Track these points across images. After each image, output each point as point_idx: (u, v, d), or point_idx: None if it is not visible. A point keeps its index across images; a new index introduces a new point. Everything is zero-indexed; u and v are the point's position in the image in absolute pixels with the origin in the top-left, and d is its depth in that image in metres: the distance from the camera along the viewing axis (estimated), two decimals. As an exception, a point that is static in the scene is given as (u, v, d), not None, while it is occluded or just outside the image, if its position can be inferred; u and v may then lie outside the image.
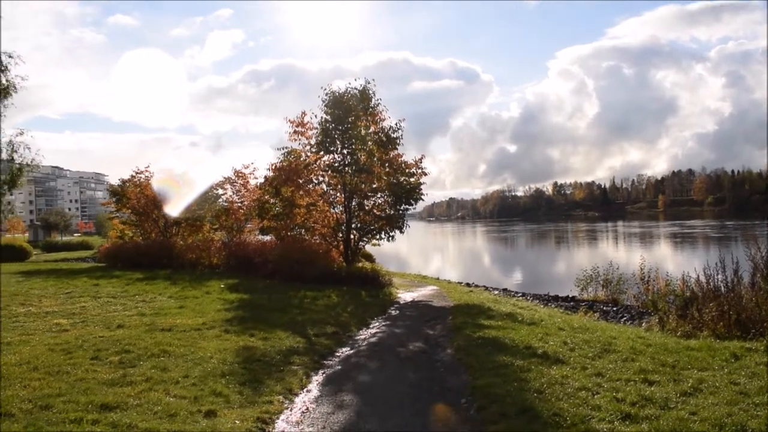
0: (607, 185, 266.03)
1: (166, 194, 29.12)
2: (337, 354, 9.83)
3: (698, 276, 13.81)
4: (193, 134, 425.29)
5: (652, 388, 6.82)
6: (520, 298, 22.54)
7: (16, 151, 23.80)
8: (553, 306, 20.34)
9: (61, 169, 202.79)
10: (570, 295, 23.10)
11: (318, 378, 8.23)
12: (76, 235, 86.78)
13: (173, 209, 28.67)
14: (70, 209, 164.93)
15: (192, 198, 28.94)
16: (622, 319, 17.82)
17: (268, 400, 6.89)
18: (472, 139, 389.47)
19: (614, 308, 19.96)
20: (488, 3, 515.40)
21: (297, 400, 7.20)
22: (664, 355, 8.58)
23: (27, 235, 74.91)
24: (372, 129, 22.41)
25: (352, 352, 10.03)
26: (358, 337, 11.39)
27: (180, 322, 11.75)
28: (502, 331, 10.87)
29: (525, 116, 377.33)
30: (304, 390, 7.59)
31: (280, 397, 7.11)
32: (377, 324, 13.07)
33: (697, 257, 44.25)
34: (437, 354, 9.72)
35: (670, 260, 42.92)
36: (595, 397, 6.53)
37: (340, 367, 8.84)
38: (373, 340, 11.12)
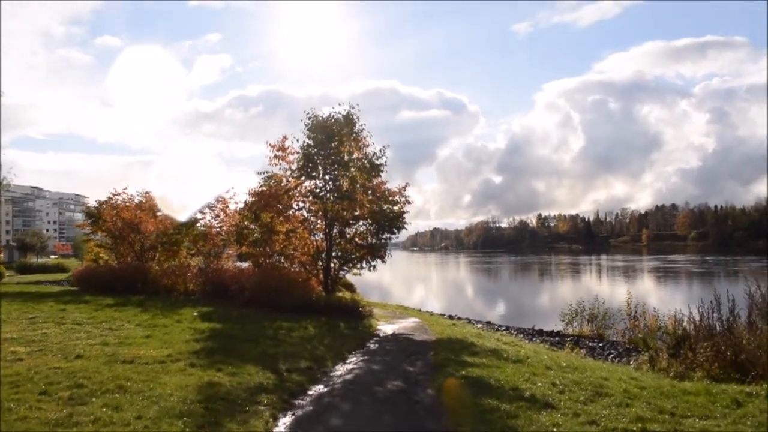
0: (591, 218, 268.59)
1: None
2: (310, 392, 9.08)
3: (691, 313, 13.32)
4: (178, 157, 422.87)
5: (653, 441, 6.21)
6: (504, 332, 21.94)
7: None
8: (537, 341, 19.80)
9: (41, 189, 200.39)
10: (555, 330, 22.57)
11: (286, 420, 7.50)
12: (53, 257, 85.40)
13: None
14: (48, 230, 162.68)
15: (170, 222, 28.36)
16: (609, 356, 17.31)
17: (226, 448, 6.18)
18: (458, 169, 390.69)
19: (600, 344, 19.45)
20: (476, 33, 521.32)
21: (259, 447, 6.49)
22: (660, 399, 8.01)
23: (1, 255, 73.54)
24: (355, 155, 21.86)
25: (325, 390, 9.28)
26: (334, 374, 10.64)
27: (144, 353, 11.02)
28: (487, 370, 10.24)
29: (511, 148, 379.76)
30: (270, 435, 6.89)
31: (241, 443, 6.40)
32: (354, 359, 12.32)
33: (681, 292, 44.15)
34: (417, 394, 9.01)
35: (655, 295, 42.59)
36: (592, 451, 5.90)
37: (311, 408, 8.11)
38: (349, 377, 10.37)
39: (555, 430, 6.55)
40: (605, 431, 6.56)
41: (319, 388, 9.39)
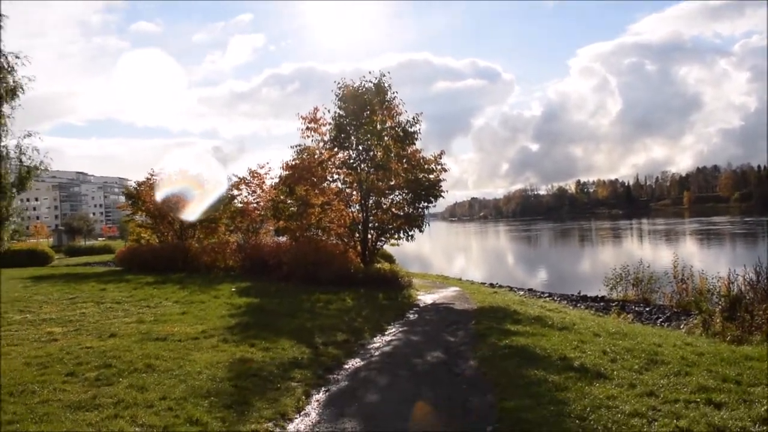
0: (631, 183, 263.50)
1: (182, 196, 28.49)
2: (345, 366, 8.72)
3: (746, 274, 12.58)
4: (216, 138, 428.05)
5: (722, 414, 5.67)
6: (547, 299, 21.37)
7: (24, 154, 23.16)
8: (582, 307, 19.22)
9: (86, 174, 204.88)
10: (599, 295, 21.92)
11: (319, 397, 7.13)
12: (100, 239, 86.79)
13: (190, 212, 27.98)
14: (94, 214, 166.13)
15: (208, 200, 28.23)
16: (658, 321, 16.69)
17: (254, 429, 5.85)
18: (494, 138, 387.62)
19: (646, 308, 18.85)
20: (507, 1, 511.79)
21: (290, 428, 6.13)
22: (721, 366, 7.42)
23: (51, 239, 75.17)
24: (388, 123, 21.32)
25: (362, 364, 8.88)
26: (371, 346, 10.24)
27: (178, 330, 10.80)
28: (532, 338, 9.72)
29: (547, 115, 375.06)
30: (301, 414, 6.49)
31: (270, 424, 6.04)
32: (393, 330, 11.91)
33: (727, 254, 42.80)
34: (458, 366, 8.55)
35: (700, 257, 41.11)
36: (653, 426, 5.39)
37: (346, 384, 7.72)
38: (387, 349, 9.98)
39: (610, 403, 6.03)
40: (666, 403, 6.01)
41: (356, 362, 9.01)
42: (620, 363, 7.78)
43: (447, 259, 54.19)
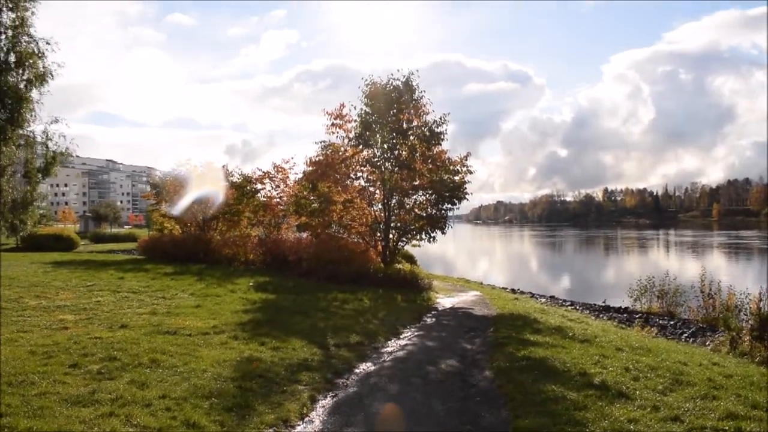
0: (660, 193, 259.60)
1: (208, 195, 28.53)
2: (356, 371, 8.41)
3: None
4: (245, 132, 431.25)
5: (753, 445, 5.27)
6: (569, 308, 20.89)
7: (50, 139, 23.16)
8: (605, 318, 18.76)
9: (115, 162, 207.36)
10: (623, 306, 21.40)
11: (325, 403, 6.83)
12: (126, 227, 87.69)
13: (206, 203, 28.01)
14: (121, 202, 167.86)
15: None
16: (683, 336, 16.26)
17: (252, 436, 5.57)
18: (523, 142, 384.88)
19: (671, 322, 18.39)
20: (542, 4, 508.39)
21: (291, 436, 5.84)
22: (750, 391, 7.01)
23: (77, 225, 76.09)
24: (415, 123, 21.03)
25: (373, 369, 8.57)
26: (385, 350, 9.94)
27: (189, 324, 10.64)
28: (551, 350, 9.35)
29: (577, 120, 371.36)
30: (304, 420, 6.19)
31: (270, 430, 5.77)
32: (409, 334, 11.60)
33: (755, 270, 41.69)
34: (473, 376, 8.22)
35: (728, 272, 40.21)
36: (678, 456, 5.02)
37: (354, 390, 7.41)
38: (400, 354, 9.65)
39: (632, 427, 5.64)
40: (692, 429, 5.63)
41: (367, 366, 8.70)
42: (643, 382, 7.39)
43: (470, 262, 53.80)
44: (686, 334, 16.41)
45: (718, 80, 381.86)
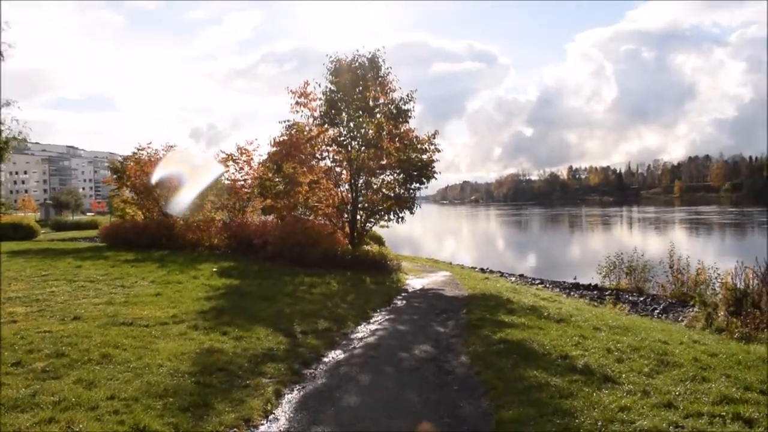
0: (623, 170, 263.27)
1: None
2: (325, 360, 7.92)
3: (757, 267, 11.91)
4: (211, 115, 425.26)
5: (755, 432, 4.93)
6: (540, 286, 20.69)
7: (2, 123, 22.16)
8: (576, 295, 18.61)
9: (76, 148, 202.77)
10: (592, 284, 21.27)
11: (292, 397, 6.31)
12: (89, 214, 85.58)
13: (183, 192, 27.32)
14: (83, 189, 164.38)
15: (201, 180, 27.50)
16: (654, 312, 16.14)
17: (210, 439, 5.05)
18: (489, 122, 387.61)
19: (640, 298, 18.32)
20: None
21: (254, 437, 5.33)
22: (739, 371, 6.72)
23: (38, 213, 74.22)
24: (381, 100, 20.48)
25: (343, 357, 8.08)
26: (355, 336, 9.46)
27: (147, 313, 10.03)
28: (528, 332, 8.97)
29: (542, 99, 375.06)
30: (268, 419, 5.64)
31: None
32: (379, 318, 11.14)
33: (718, 244, 42.34)
34: (449, 362, 7.78)
35: (690, 247, 40.59)
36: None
37: (324, 381, 6.90)
38: (371, 339, 9.18)
39: (624, 416, 5.24)
40: (688, 417, 5.24)
41: (337, 354, 8.21)
42: (627, 364, 7.04)
43: (438, 242, 53.59)
44: (657, 310, 16.31)
45: (680, 58, 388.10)
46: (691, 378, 6.46)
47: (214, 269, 16.94)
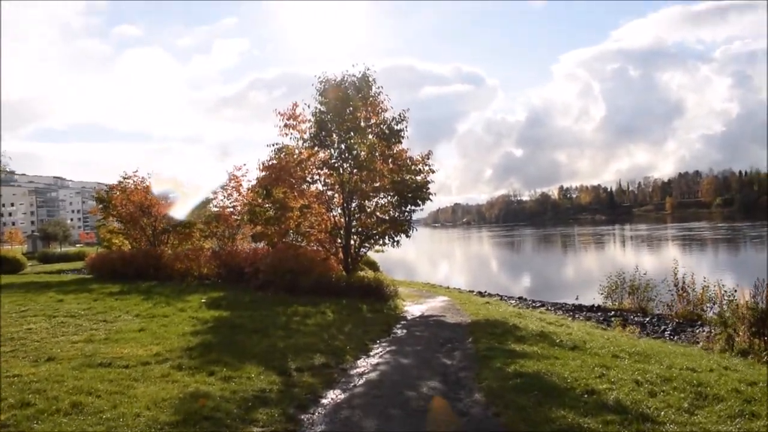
0: (614, 188, 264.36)
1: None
2: (323, 401, 7.09)
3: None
4: (199, 143, 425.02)
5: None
6: (542, 309, 20.00)
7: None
8: (581, 318, 17.92)
9: (63, 179, 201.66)
10: (595, 305, 20.62)
11: (288, 451, 5.52)
12: (78, 245, 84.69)
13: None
14: (72, 219, 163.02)
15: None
16: (665, 333, 15.50)
17: None
18: (478, 144, 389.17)
19: (646, 319, 17.68)
20: (491, 6, 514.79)
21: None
22: (789, 403, 6.00)
23: (25, 246, 73.30)
24: (373, 120, 19.83)
25: (343, 397, 7.24)
26: (355, 371, 8.64)
27: (128, 352, 9.24)
28: (544, 362, 8.21)
29: (531, 120, 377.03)
30: (261, 482, 4.88)
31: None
32: (380, 350, 10.32)
33: (711, 260, 41.83)
34: (462, 401, 6.96)
35: (685, 263, 40.08)
36: None
37: (322, 429, 6.07)
38: (373, 376, 8.35)
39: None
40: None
41: (336, 395, 7.37)
42: (662, 398, 6.30)
43: (432, 266, 52.90)
44: (668, 332, 15.69)
45: (666, 76, 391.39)
46: (737, 414, 5.73)
47: (203, 300, 16.22)
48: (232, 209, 27.23)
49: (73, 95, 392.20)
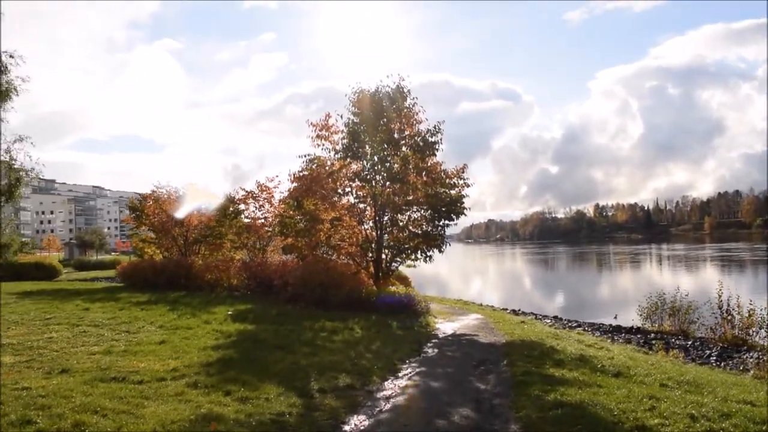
0: (651, 207, 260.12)
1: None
2: (345, 428, 6.50)
3: None
4: (236, 155, 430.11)
5: None
6: (579, 330, 19.25)
7: (14, 159, 21.36)
8: (620, 341, 17.22)
9: (102, 188, 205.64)
10: (634, 326, 19.88)
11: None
12: (114, 254, 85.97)
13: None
14: (109, 228, 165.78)
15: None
16: (710, 359, 14.80)
17: None
18: (514, 160, 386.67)
19: (688, 342, 16.97)
20: (528, 23, 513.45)
21: None
22: None
23: (62, 253, 74.58)
24: (407, 132, 19.40)
25: (368, 424, 6.62)
26: (381, 394, 8.02)
27: (145, 366, 8.83)
28: (587, 391, 7.53)
29: (567, 137, 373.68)
30: None
31: None
32: (409, 371, 9.69)
33: (751, 282, 40.37)
34: (497, 432, 6.38)
35: (730, 287, 38.63)
36: None
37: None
38: (400, 400, 7.73)
39: None
40: None
41: (360, 421, 6.77)
42: (724, 438, 5.66)
43: (465, 282, 52.11)
44: (713, 357, 14.92)
45: (706, 94, 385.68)
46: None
47: (229, 312, 15.85)
48: (263, 220, 26.99)
49: (115, 107, 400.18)
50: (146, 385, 7.64)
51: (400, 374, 9.43)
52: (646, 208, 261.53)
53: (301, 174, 19.83)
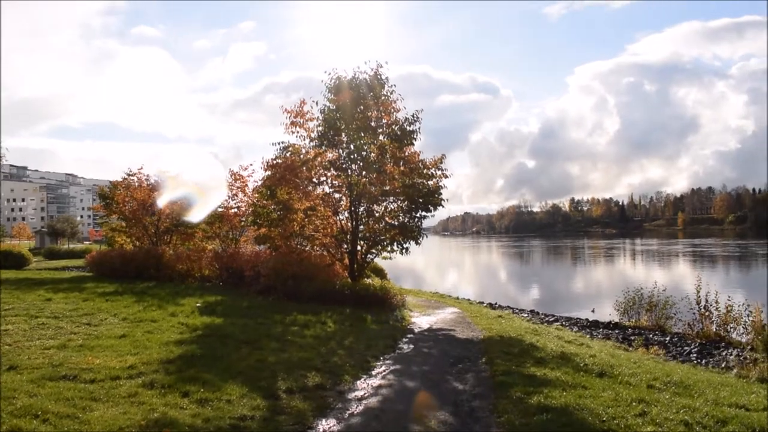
0: (625, 202, 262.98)
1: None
2: (312, 434, 5.96)
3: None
4: (213, 145, 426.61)
5: None
6: (557, 325, 18.95)
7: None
8: (599, 336, 17.04)
9: (75, 176, 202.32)
10: (612, 321, 19.77)
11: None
12: (86, 242, 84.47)
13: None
14: (81, 216, 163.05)
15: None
16: (690, 355, 14.57)
17: None
18: (491, 154, 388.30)
19: (666, 338, 16.69)
20: (507, 16, 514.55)
21: None
22: None
23: (32, 241, 73.13)
24: (384, 120, 18.84)
25: (337, 430, 6.10)
26: (353, 395, 7.49)
27: (100, 362, 8.20)
28: (572, 393, 7.08)
29: (544, 131, 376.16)
30: None
31: None
32: (383, 369, 9.18)
33: (721, 278, 40.65)
34: (477, 439, 5.90)
35: (705, 282, 38.69)
36: None
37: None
38: (373, 402, 7.20)
39: None
40: None
41: (329, 425, 6.23)
42: (723, 449, 5.24)
43: (441, 275, 51.88)
44: (693, 354, 14.67)
45: (682, 91, 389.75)
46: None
47: (198, 304, 15.19)
48: (236, 210, 26.32)
49: (90, 94, 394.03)
50: (98, 384, 7.03)
51: (373, 372, 8.91)
52: (621, 203, 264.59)
53: (274, 162, 19.16)
